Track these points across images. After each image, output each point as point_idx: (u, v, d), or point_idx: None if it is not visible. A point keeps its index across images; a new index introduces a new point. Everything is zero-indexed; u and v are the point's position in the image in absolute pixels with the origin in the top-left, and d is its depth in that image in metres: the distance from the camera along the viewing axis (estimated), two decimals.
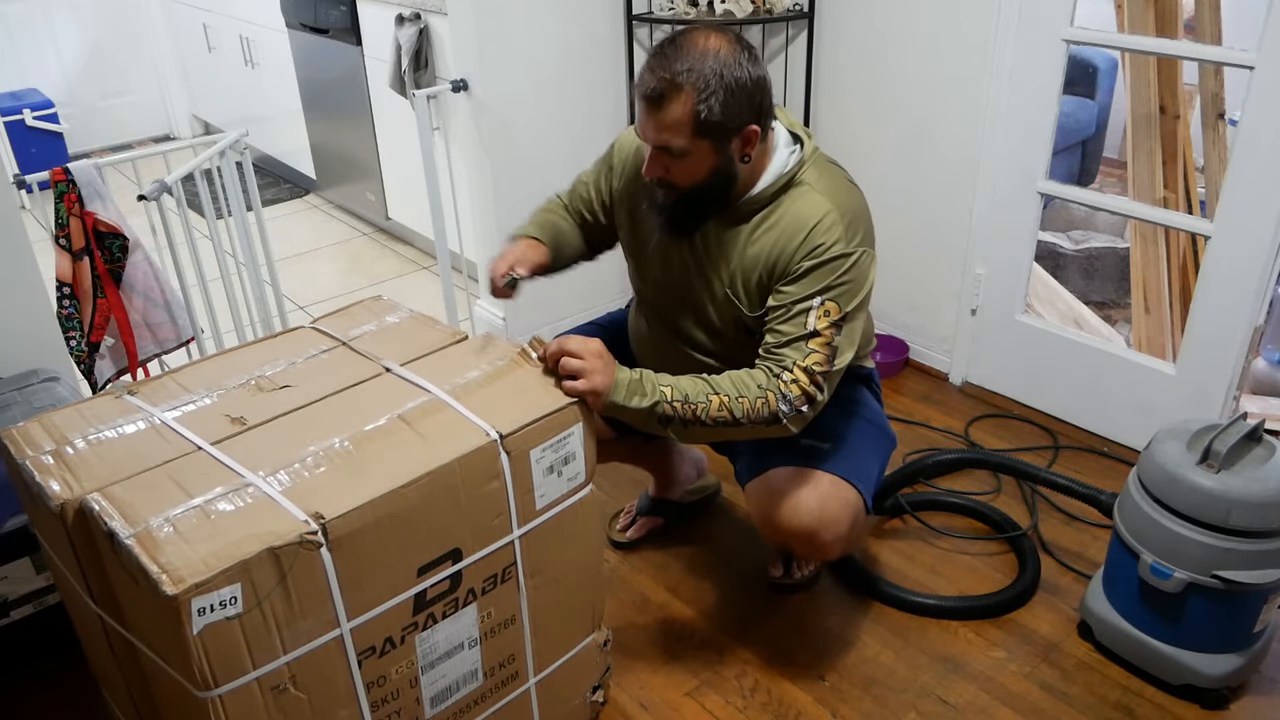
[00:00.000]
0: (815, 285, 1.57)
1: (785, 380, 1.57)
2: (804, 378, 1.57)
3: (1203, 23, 2.62)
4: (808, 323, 1.57)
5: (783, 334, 1.59)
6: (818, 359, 1.57)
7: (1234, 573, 1.71)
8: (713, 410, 1.55)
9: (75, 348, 2.29)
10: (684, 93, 1.48)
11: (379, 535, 1.27)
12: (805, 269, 1.58)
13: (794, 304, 1.59)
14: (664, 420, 1.55)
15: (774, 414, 1.57)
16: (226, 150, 2.48)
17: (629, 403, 1.53)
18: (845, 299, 1.58)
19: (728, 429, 1.57)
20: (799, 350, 1.57)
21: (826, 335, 1.57)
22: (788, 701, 1.88)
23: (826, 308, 1.57)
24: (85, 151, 4.84)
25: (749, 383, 1.57)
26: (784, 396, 1.56)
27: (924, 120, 2.74)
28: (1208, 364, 2.37)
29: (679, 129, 1.50)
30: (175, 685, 1.22)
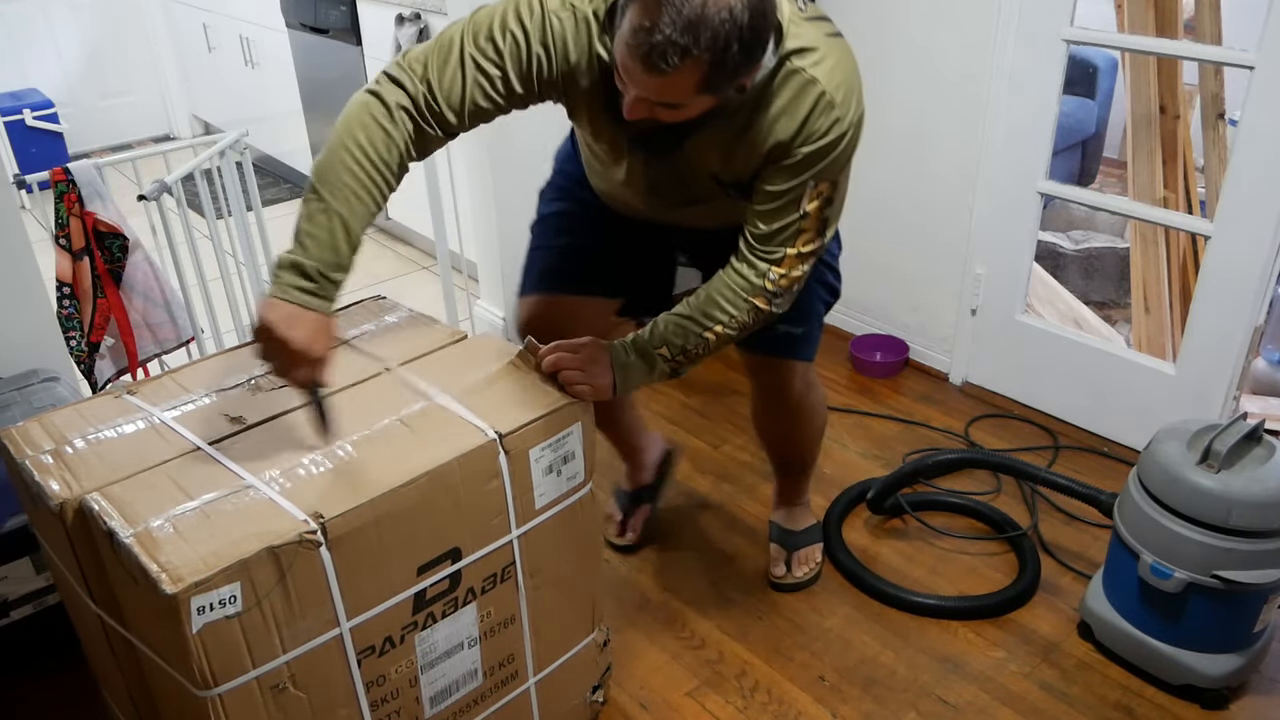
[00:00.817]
0: (811, 169, 1.45)
1: (773, 276, 1.50)
2: (792, 264, 1.50)
3: (1203, 23, 2.62)
4: (802, 207, 1.47)
5: (772, 221, 1.49)
6: (807, 238, 1.49)
7: (1234, 573, 1.71)
8: (712, 344, 1.54)
9: (75, 348, 2.29)
10: (696, 61, 1.23)
11: (378, 535, 1.27)
12: (801, 156, 1.44)
13: (787, 192, 1.47)
14: (673, 375, 1.57)
15: (769, 314, 1.54)
16: (226, 150, 2.48)
17: (634, 384, 1.55)
18: (835, 171, 1.47)
19: (728, 344, 1.58)
20: (789, 236, 1.48)
21: (816, 214, 1.48)
22: (788, 701, 1.88)
23: (820, 189, 1.47)
24: (85, 151, 4.84)
25: (735, 297, 1.51)
26: (773, 294, 1.52)
27: (924, 120, 2.74)
28: (1208, 364, 2.37)
29: (682, 93, 1.30)
30: (175, 685, 1.22)
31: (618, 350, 1.54)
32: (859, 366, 2.98)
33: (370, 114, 1.39)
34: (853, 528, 2.33)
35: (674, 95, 1.30)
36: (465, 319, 3.19)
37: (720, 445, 2.64)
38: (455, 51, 1.41)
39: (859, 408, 2.81)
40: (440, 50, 1.41)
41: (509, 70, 1.41)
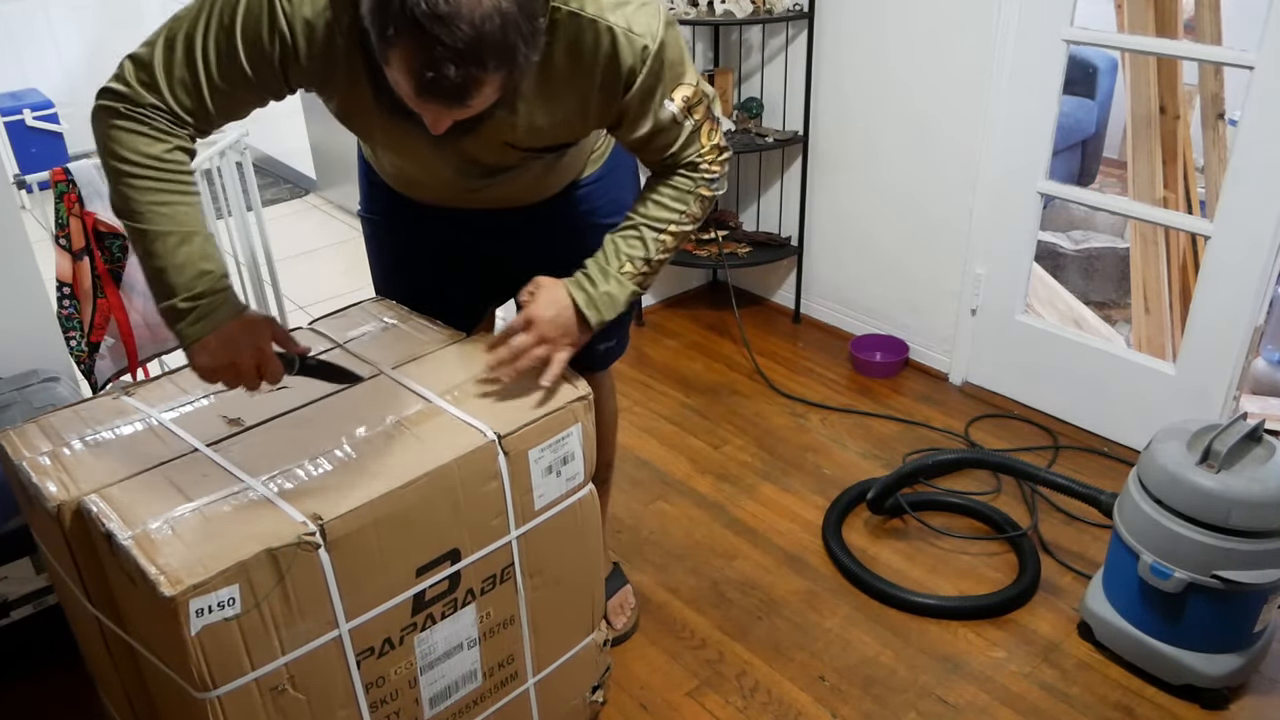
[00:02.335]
0: (659, 94, 1.41)
1: (705, 167, 1.51)
2: (715, 154, 1.51)
3: (1203, 23, 2.62)
4: (680, 122, 1.45)
5: (668, 147, 1.48)
6: (709, 130, 1.49)
7: (1234, 573, 1.71)
8: (670, 244, 1.52)
9: (75, 348, 2.29)
10: (491, 77, 1.14)
11: (377, 536, 1.26)
12: (636, 92, 1.38)
13: (656, 123, 1.43)
14: (643, 288, 1.53)
15: (714, 197, 1.54)
16: (226, 150, 2.48)
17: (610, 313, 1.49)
18: (682, 74, 1.43)
19: (685, 240, 1.55)
20: (694, 144, 1.49)
21: (700, 111, 1.46)
22: (788, 701, 1.88)
23: (682, 94, 1.43)
24: (85, 151, 4.84)
25: (680, 194, 1.50)
26: (713, 179, 1.52)
27: (924, 120, 2.74)
28: (1208, 364, 2.37)
29: (484, 103, 1.20)
30: (174, 686, 1.22)
31: (578, 287, 1.48)
32: (859, 366, 2.98)
33: (118, 128, 1.42)
34: (853, 528, 2.33)
35: (478, 108, 1.20)
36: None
37: (720, 445, 2.64)
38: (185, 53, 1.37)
39: (859, 408, 2.81)
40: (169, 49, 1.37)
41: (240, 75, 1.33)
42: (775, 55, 3.06)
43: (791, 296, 3.31)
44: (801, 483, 2.49)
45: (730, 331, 3.21)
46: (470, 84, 1.13)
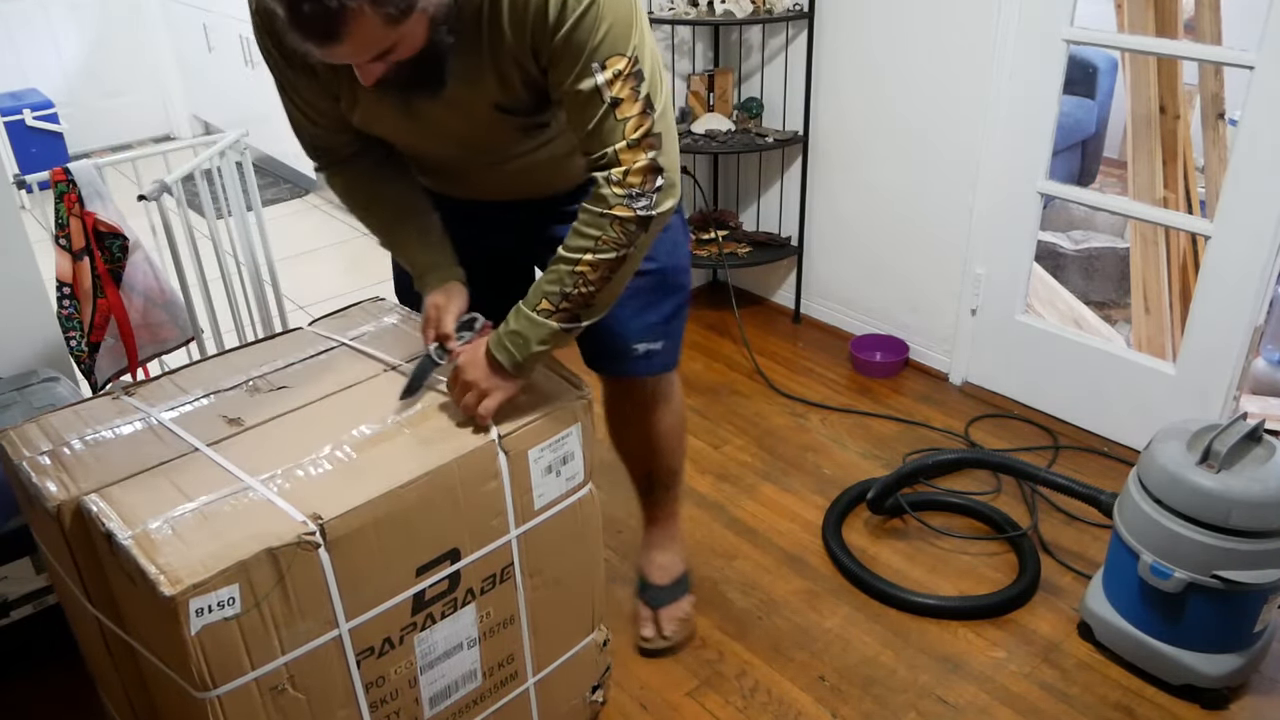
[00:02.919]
0: (579, 55, 1.29)
1: (615, 178, 1.33)
2: (631, 156, 1.33)
3: (1203, 23, 2.62)
4: (603, 96, 1.30)
5: (585, 123, 1.33)
6: (635, 124, 1.32)
7: (1234, 573, 1.71)
8: (590, 277, 1.37)
9: (75, 348, 2.29)
10: (358, 9, 1.13)
11: (377, 536, 1.26)
12: (559, 48, 1.29)
13: (574, 88, 1.31)
14: (573, 321, 1.40)
15: (639, 219, 1.35)
16: (226, 150, 2.48)
17: (527, 356, 1.39)
18: (619, 43, 1.29)
19: (620, 271, 1.39)
20: (612, 131, 1.32)
21: (630, 94, 1.31)
22: (788, 701, 1.88)
23: (611, 67, 1.29)
24: (85, 151, 4.84)
25: (592, 218, 1.36)
26: (630, 195, 1.34)
27: (924, 120, 2.74)
28: (1208, 364, 2.37)
29: (373, 42, 1.19)
30: (173, 686, 1.22)
31: (493, 335, 1.42)
32: (859, 366, 2.98)
33: (343, 183, 1.60)
34: (853, 528, 2.33)
35: (372, 46, 1.20)
36: None
37: (721, 445, 2.64)
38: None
39: (859, 408, 2.81)
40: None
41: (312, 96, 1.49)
42: (775, 55, 3.06)
43: (791, 296, 3.31)
44: (801, 483, 2.49)
45: (730, 331, 3.21)
46: (335, 19, 1.12)
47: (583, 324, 1.41)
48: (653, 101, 1.33)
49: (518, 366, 1.39)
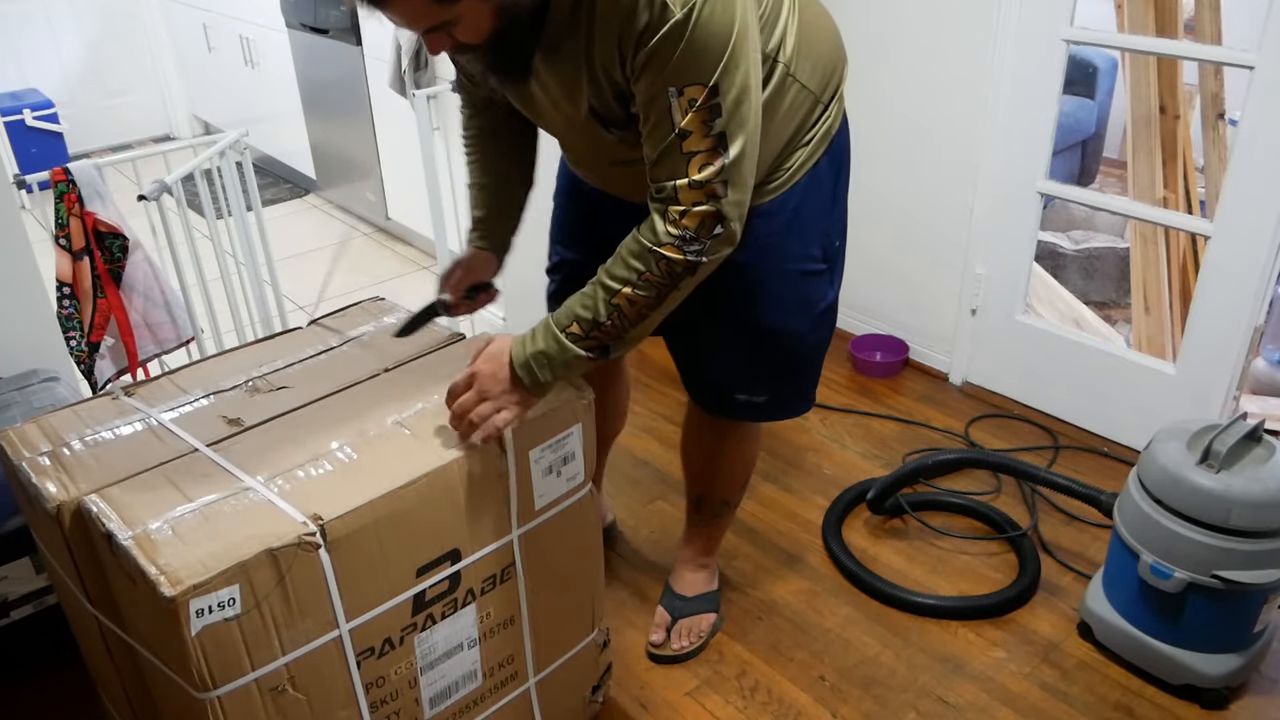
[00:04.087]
0: (662, 71, 1.21)
1: (673, 216, 1.27)
2: (691, 197, 1.25)
3: (1203, 23, 2.62)
4: (675, 123, 1.23)
5: (654, 147, 1.27)
6: (700, 161, 1.24)
7: (1234, 573, 1.71)
8: (626, 311, 1.30)
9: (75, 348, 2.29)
10: None
11: (377, 536, 1.26)
12: (642, 61, 1.22)
13: (651, 106, 1.25)
14: (600, 352, 1.34)
15: (687, 264, 1.28)
16: (226, 150, 2.48)
17: (547, 377, 1.33)
18: (704, 71, 1.21)
19: (658, 309, 1.32)
20: (676, 163, 1.25)
21: (700, 128, 1.23)
22: (788, 701, 1.88)
23: (688, 95, 1.21)
24: (85, 151, 4.84)
25: (639, 249, 1.29)
26: (683, 238, 1.27)
27: (924, 120, 2.74)
28: (1208, 364, 2.37)
29: (421, 15, 1.18)
30: (174, 687, 1.22)
31: (519, 345, 1.35)
32: (859, 366, 2.98)
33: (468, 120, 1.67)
34: (853, 528, 2.33)
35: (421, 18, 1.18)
36: (465, 319, 3.19)
37: None
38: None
39: (859, 408, 2.81)
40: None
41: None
42: None
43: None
44: (801, 483, 2.49)
45: None
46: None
47: (611, 356, 1.35)
48: (727, 141, 1.24)
49: (537, 386, 1.34)
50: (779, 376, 1.71)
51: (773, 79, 1.40)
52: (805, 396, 1.79)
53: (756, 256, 1.54)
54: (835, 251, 1.67)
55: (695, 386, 1.78)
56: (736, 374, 1.70)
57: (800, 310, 1.64)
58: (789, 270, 1.59)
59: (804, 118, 1.50)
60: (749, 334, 1.64)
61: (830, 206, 1.62)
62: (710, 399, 1.76)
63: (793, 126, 1.49)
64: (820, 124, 1.53)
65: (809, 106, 1.50)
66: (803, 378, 1.75)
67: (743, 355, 1.67)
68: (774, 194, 1.53)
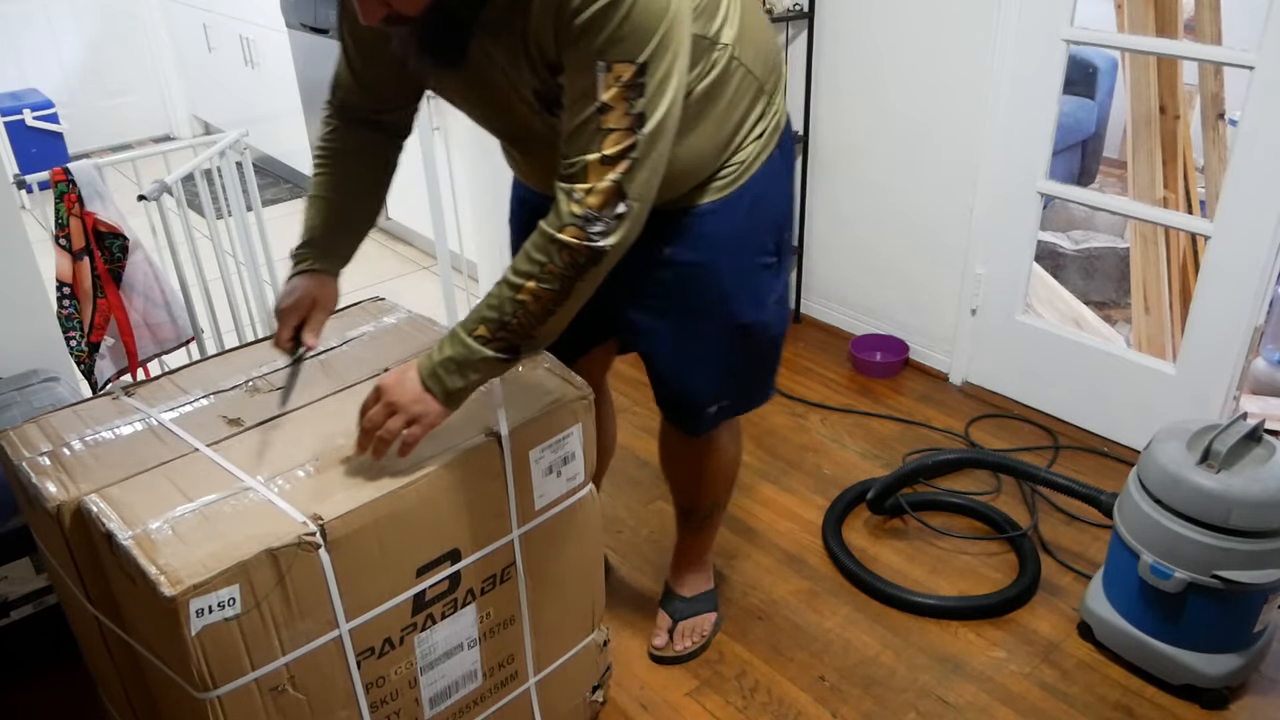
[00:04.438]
0: (590, 45, 1.19)
1: (578, 195, 1.22)
2: (599, 173, 1.21)
3: (1203, 23, 2.62)
4: (597, 96, 1.20)
5: (572, 119, 1.23)
6: (615, 139, 1.20)
7: (1234, 573, 1.71)
8: (531, 307, 1.25)
9: (75, 348, 2.29)
10: None
11: (377, 536, 1.26)
12: (576, 32, 1.19)
13: (575, 79, 1.22)
14: (510, 353, 1.29)
15: (590, 251, 1.23)
16: (226, 150, 2.48)
17: (458, 384, 1.28)
18: (635, 48, 1.18)
19: (565, 304, 1.27)
20: (590, 138, 1.21)
21: (621, 104, 1.20)
22: (788, 701, 1.88)
23: (616, 71, 1.19)
24: (85, 151, 4.84)
25: (541, 238, 1.25)
26: (585, 218, 1.22)
27: (924, 120, 2.74)
28: (1208, 364, 2.37)
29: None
30: (174, 686, 1.22)
31: (425, 357, 1.30)
32: (859, 366, 2.98)
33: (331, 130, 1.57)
34: (853, 528, 2.33)
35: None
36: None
37: None
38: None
39: (859, 408, 2.81)
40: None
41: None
42: None
43: (792, 296, 3.31)
44: (801, 483, 2.49)
45: None
46: None
47: (521, 356, 1.31)
48: (645, 120, 1.21)
49: (449, 396, 1.28)
50: (743, 374, 1.71)
51: (718, 63, 1.39)
52: (766, 387, 1.78)
53: (715, 254, 1.54)
54: (784, 244, 1.66)
55: (668, 404, 1.75)
56: (705, 383, 1.68)
57: (760, 305, 1.64)
58: (747, 266, 1.59)
59: (749, 105, 1.49)
60: (712, 335, 1.62)
61: (786, 200, 1.63)
62: (683, 417, 1.74)
63: (739, 113, 1.48)
64: (768, 117, 1.53)
65: (754, 93, 1.48)
66: (764, 370, 1.75)
67: (707, 357, 1.65)
68: (727, 189, 1.52)
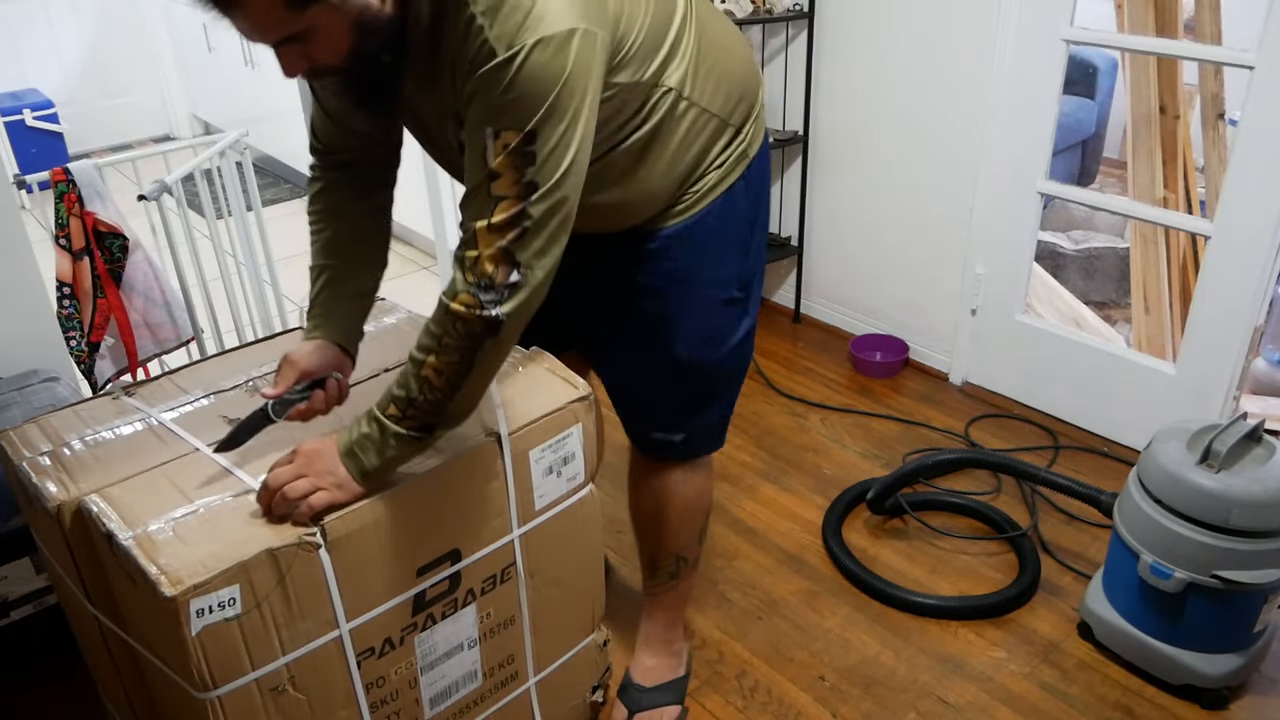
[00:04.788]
0: (479, 110, 1.15)
1: (470, 262, 1.18)
2: (494, 241, 1.16)
3: (1203, 23, 2.62)
4: (487, 162, 1.15)
5: (468, 187, 1.19)
6: (507, 207, 1.16)
7: (1234, 573, 1.71)
8: (435, 383, 1.21)
9: (75, 348, 2.29)
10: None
11: (377, 536, 1.26)
12: (467, 95, 1.16)
13: (469, 141, 1.18)
14: (424, 431, 1.24)
15: (484, 321, 1.18)
16: (226, 150, 2.48)
17: (374, 464, 1.24)
18: (521, 117, 1.13)
19: (469, 379, 1.22)
20: (482, 205, 1.17)
21: (510, 173, 1.15)
22: (788, 701, 1.88)
23: (503, 139, 1.14)
24: (85, 151, 4.84)
25: (438, 311, 1.21)
26: (478, 285, 1.17)
27: (924, 120, 2.74)
28: (1208, 364, 2.37)
29: (274, 22, 1.10)
30: (174, 687, 1.22)
31: (344, 432, 1.26)
32: (859, 366, 2.98)
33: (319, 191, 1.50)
34: (853, 528, 2.33)
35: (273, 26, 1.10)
36: None
37: None
38: None
39: (859, 408, 2.81)
40: None
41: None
42: (775, 55, 3.06)
43: (791, 296, 3.31)
44: (801, 483, 2.49)
45: None
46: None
47: (437, 434, 1.26)
48: (537, 188, 1.16)
49: (365, 475, 1.24)
50: (692, 411, 1.63)
51: (659, 108, 1.34)
52: (716, 434, 1.70)
53: (666, 283, 1.49)
54: (752, 279, 1.59)
55: (622, 420, 1.70)
56: (651, 411, 1.64)
57: (715, 341, 1.56)
58: (703, 298, 1.52)
59: (708, 141, 1.43)
60: (661, 365, 1.56)
61: (747, 232, 1.54)
62: (633, 433, 1.69)
63: (694, 151, 1.42)
64: (734, 146, 1.47)
65: (713, 130, 1.43)
66: (714, 412, 1.67)
67: (656, 388, 1.60)
68: (680, 217, 1.47)
